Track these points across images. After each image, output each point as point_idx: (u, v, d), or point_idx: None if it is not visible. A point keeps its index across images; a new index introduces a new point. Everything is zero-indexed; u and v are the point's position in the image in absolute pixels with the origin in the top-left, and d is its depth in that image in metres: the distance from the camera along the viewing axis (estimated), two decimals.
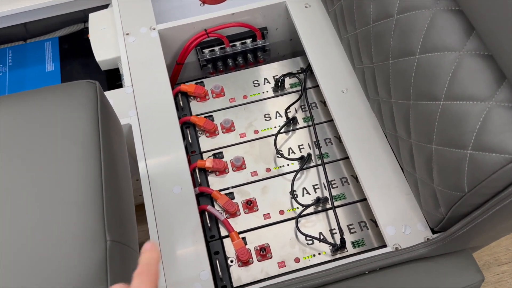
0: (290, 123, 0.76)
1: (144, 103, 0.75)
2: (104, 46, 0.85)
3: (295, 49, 0.98)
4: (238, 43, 0.90)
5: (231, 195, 0.70)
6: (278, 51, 0.98)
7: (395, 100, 0.56)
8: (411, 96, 0.52)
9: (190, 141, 0.75)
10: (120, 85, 0.95)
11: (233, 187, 0.71)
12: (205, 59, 0.88)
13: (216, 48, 0.89)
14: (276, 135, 0.74)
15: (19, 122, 0.50)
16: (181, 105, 0.79)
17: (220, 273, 0.62)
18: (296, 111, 0.78)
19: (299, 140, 0.75)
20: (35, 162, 0.47)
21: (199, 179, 0.71)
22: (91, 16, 0.89)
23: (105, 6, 0.94)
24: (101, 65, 0.86)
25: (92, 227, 0.44)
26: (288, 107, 0.77)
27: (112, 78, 0.95)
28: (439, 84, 0.47)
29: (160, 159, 0.70)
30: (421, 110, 0.50)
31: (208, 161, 0.71)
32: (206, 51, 0.89)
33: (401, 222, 0.62)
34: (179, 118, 0.74)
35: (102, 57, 0.84)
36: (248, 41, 0.90)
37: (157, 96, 0.76)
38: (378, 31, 0.57)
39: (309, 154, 0.72)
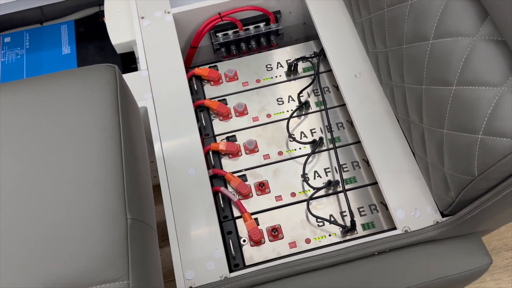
0: (303, 107, 0.77)
1: (159, 86, 0.76)
2: (120, 29, 0.86)
3: (308, 33, 0.98)
4: (251, 27, 0.90)
5: (243, 177, 0.72)
6: (291, 35, 0.98)
7: (408, 85, 0.57)
8: (424, 81, 0.52)
9: (204, 124, 0.77)
10: (135, 68, 0.97)
11: (245, 169, 0.72)
12: (218, 43, 0.89)
13: (230, 32, 0.90)
14: (288, 119, 0.75)
15: (41, 105, 0.51)
16: (195, 88, 0.81)
17: (233, 252, 0.64)
18: (309, 95, 0.79)
19: (311, 124, 0.76)
20: (57, 143, 0.49)
21: (212, 161, 0.73)
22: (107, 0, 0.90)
23: None
24: (117, 48, 0.87)
25: (113, 206, 0.46)
26: (301, 91, 0.78)
27: (127, 61, 0.96)
28: (452, 69, 0.48)
29: (175, 141, 0.71)
30: (433, 95, 0.51)
31: (221, 144, 0.73)
32: (219, 34, 0.89)
33: (411, 205, 0.63)
34: (193, 102, 0.76)
35: (117, 41, 0.85)
36: (262, 24, 0.90)
37: (171, 79, 0.77)
38: (392, 16, 0.57)
39: (321, 138, 0.73)
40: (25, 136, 0.50)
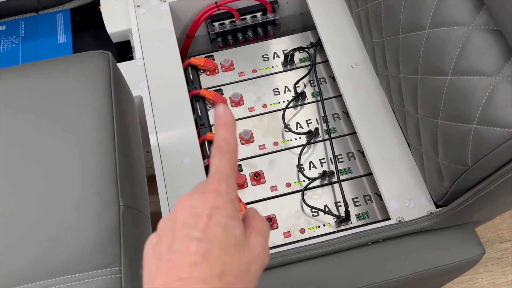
0: (299, 98, 0.77)
1: (155, 76, 0.76)
2: (116, 18, 0.85)
3: (305, 23, 0.98)
4: (248, 17, 0.89)
5: (239, 168, 0.72)
6: (289, 25, 0.97)
7: (403, 75, 0.56)
8: (419, 71, 0.52)
9: (200, 114, 0.77)
10: (131, 58, 0.96)
11: (241, 159, 0.72)
12: (215, 33, 0.88)
13: (226, 22, 0.89)
14: (284, 109, 0.75)
15: (33, 91, 0.51)
16: (191, 78, 0.80)
17: None
18: (305, 86, 0.79)
19: (307, 115, 0.76)
20: (50, 129, 0.49)
21: (208, 151, 0.73)
22: None
23: None
24: (113, 37, 0.86)
25: (105, 192, 0.46)
26: (297, 82, 0.78)
27: (123, 51, 0.96)
28: (447, 58, 0.47)
29: (170, 131, 0.71)
30: (428, 85, 0.51)
31: None
32: (216, 24, 0.89)
33: (406, 196, 0.63)
34: (189, 92, 0.75)
35: (113, 29, 0.85)
36: (259, 14, 0.89)
37: (167, 68, 0.77)
38: (388, 5, 0.56)
39: (316, 129, 0.73)
40: (18, 122, 0.49)
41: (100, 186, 0.46)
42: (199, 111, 0.77)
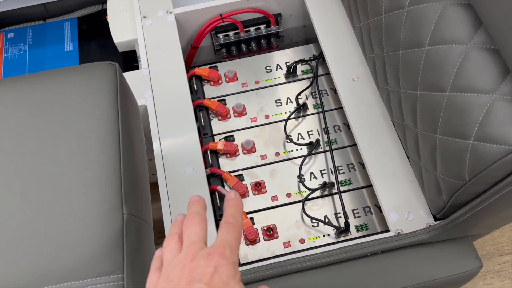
0: (301, 109, 0.78)
1: (160, 85, 0.77)
2: (122, 28, 0.87)
3: (308, 36, 0.99)
4: (252, 29, 0.91)
5: (240, 177, 0.73)
6: (292, 38, 0.99)
7: (403, 90, 0.58)
8: (418, 87, 0.53)
9: (203, 123, 0.78)
10: (136, 67, 0.98)
11: (243, 169, 0.73)
12: (219, 44, 0.90)
13: (231, 33, 0.91)
14: (286, 120, 0.76)
15: (41, 101, 0.52)
16: (195, 88, 0.82)
17: None
18: (307, 98, 0.80)
19: (308, 126, 0.77)
20: (57, 138, 0.50)
21: (210, 160, 0.74)
22: None
23: None
24: (119, 46, 0.88)
25: (110, 201, 0.47)
26: (299, 94, 0.79)
27: (129, 60, 0.97)
28: (446, 75, 0.49)
29: (174, 140, 0.72)
30: (427, 101, 0.52)
31: (219, 144, 0.74)
32: (220, 35, 0.90)
33: (405, 208, 0.64)
34: (192, 101, 0.77)
35: (119, 39, 0.86)
36: (262, 27, 0.91)
37: (172, 78, 0.78)
38: (389, 22, 0.58)
39: (317, 140, 0.74)
40: (26, 131, 0.51)
41: (105, 194, 0.47)
42: (202, 120, 0.78)
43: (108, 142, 0.50)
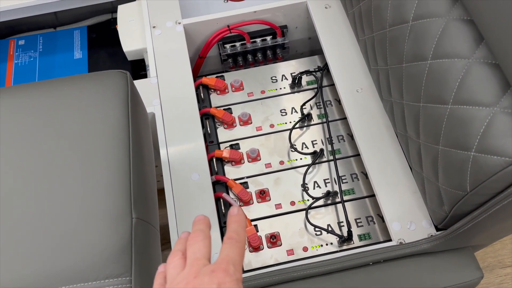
0: (305, 119, 0.79)
1: (168, 94, 0.79)
2: (131, 37, 0.89)
3: (313, 48, 1.01)
4: (258, 40, 0.93)
5: (245, 185, 0.74)
6: (297, 49, 1.01)
7: (406, 102, 0.59)
8: (421, 99, 0.55)
9: (209, 131, 0.79)
10: (144, 75, 1.00)
11: (247, 177, 0.75)
12: (226, 54, 0.92)
13: (237, 44, 0.92)
14: (291, 130, 0.78)
15: (54, 107, 0.54)
16: (202, 97, 0.83)
17: None
18: (312, 108, 0.81)
19: (312, 136, 0.78)
20: (69, 144, 0.52)
21: (216, 168, 0.75)
22: (120, 8, 0.94)
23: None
24: (128, 55, 0.90)
25: (120, 205, 0.48)
26: (304, 104, 0.80)
27: (137, 68, 0.99)
28: (448, 89, 0.50)
29: (180, 147, 0.74)
30: (430, 113, 0.53)
31: (225, 152, 0.75)
32: (227, 46, 0.92)
33: (407, 218, 0.65)
34: (199, 110, 0.78)
35: (129, 48, 0.88)
36: (268, 38, 0.93)
37: (180, 87, 0.80)
38: (393, 36, 0.59)
39: (321, 150, 0.75)
40: (38, 136, 0.52)
41: (115, 199, 0.48)
42: (208, 128, 0.80)
43: (119, 149, 0.51)
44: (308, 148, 0.77)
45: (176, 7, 0.89)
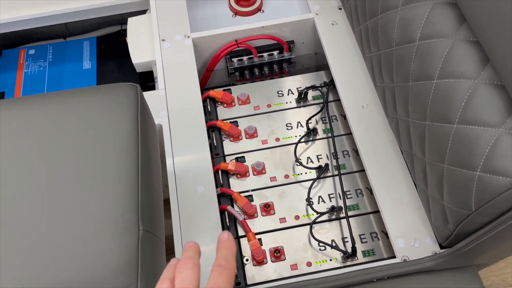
0: (310, 134, 0.80)
1: (175, 106, 0.80)
2: (141, 49, 0.90)
3: (319, 63, 1.02)
4: (265, 54, 0.94)
5: (250, 198, 0.74)
6: (303, 64, 1.02)
7: (412, 120, 0.60)
8: (427, 118, 0.55)
9: (215, 144, 0.80)
10: (151, 86, 1.01)
11: (252, 190, 0.75)
12: (233, 68, 0.93)
13: (244, 58, 0.94)
14: (296, 144, 0.78)
15: (66, 118, 0.55)
16: (209, 109, 0.84)
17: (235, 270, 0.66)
18: (317, 123, 0.82)
19: (317, 150, 0.79)
20: (78, 155, 0.52)
21: (221, 180, 0.75)
22: (130, 20, 0.95)
23: (143, 12, 1.00)
24: (137, 67, 0.91)
25: (127, 217, 0.49)
26: (310, 118, 0.81)
27: (144, 79, 1.01)
28: (454, 108, 0.51)
29: (187, 158, 0.74)
30: (436, 131, 0.54)
31: (230, 164, 0.76)
32: (234, 60, 0.94)
33: (411, 235, 0.65)
34: (206, 122, 0.79)
35: (138, 60, 0.90)
36: (275, 52, 0.94)
37: (187, 99, 0.81)
38: (400, 54, 0.60)
39: (326, 164, 0.76)
40: (48, 147, 0.53)
41: (123, 210, 0.49)
42: (214, 141, 0.80)
43: (128, 162, 0.52)
44: (313, 163, 0.78)
45: (185, 20, 0.90)
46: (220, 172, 0.76)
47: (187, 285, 0.34)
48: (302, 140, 0.79)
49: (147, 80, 1.02)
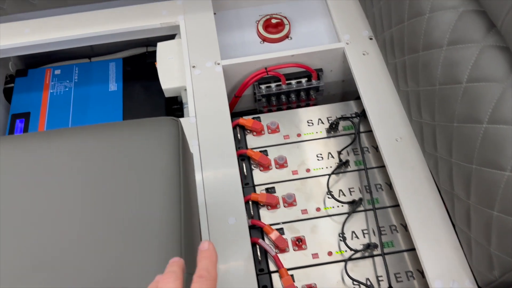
0: (342, 165, 0.79)
1: (205, 134, 0.79)
2: (170, 75, 0.90)
3: (345, 90, 1.02)
4: (293, 82, 0.94)
5: (281, 231, 0.73)
6: (329, 90, 1.01)
7: (456, 161, 0.59)
8: (474, 161, 0.54)
9: (245, 173, 0.79)
10: (176, 109, 1.01)
11: (283, 222, 0.74)
12: (261, 95, 0.93)
13: (273, 85, 0.93)
14: (329, 176, 0.77)
15: (108, 151, 0.54)
16: (239, 137, 0.83)
17: None
18: (348, 154, 0.81)
19: (349, 183, 0.78)
20: (122, 190, 0.52)
21: (252, 211, 0.74)
22: (160, 45, 0.95)
23: (170, 36, 1.00)
24: (166, 92, 0.91)
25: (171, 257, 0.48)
26: (342, 150, 0.80)
27: (170, 101, 1.00)
28: (506, 155, 0.50)
29: (218, 189, 0.73)
30: (484, 177, 0.53)
31: (261, 196, 0.75)
32: (262, 86, 0.93)
33: (449, 276, 0.64)
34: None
35: (167, 86, 0.90)
36: (304, 80, 0.94)
37: (217, 128, 0.80)
38: (444, 94, 0.60)
39: (360, 199, 0.75)
40: (90, 181, 0.52)
41: (167, 252, 0.48)
42: (244, 170, 0.79)
43: (170, 199, 0.51)
44: (345, 196, 0.76)
45: (215, 48, 0.90)
46: (250, 203, 0.75)
47: None
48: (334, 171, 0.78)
49: (172, 103, 1.02)
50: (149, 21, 0.95)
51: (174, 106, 1.03)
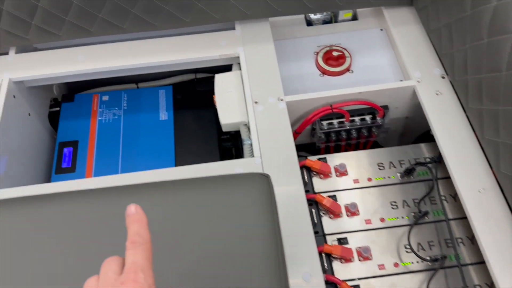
0: (422, 216, 0.74)
1: (273, 176, 0.75)
2: (230, 110, 0.86)
3: (407, 126, 0.97)
4: (357, 119, 0.89)
5: None
6: (390, 126, 0.97)
7: None
8: None
9: (315, 221, 0.74)
10: (224, 139, 0.97)
11: (359, 278, 0.69)
12: (323, 132, 0.88)
13: (335, 121, 0.89)
14: (411, 227, 0.72)
15: (208, 205, 0.51)
16: (305, 180, 0.79)
17: None
18: (425, 203, 0.76)
19: (428, 235, 0.73)
20: (220, 246, 0.48)
21: (326, 265, 0.70)
22: (217, 77, 0.91)
23: (225, 66, 0.96)
24: (224, 127, 0.87)
25: None
26: (422, 199, 0.75)
27: (219, 131, 0.96)
28: None
29: (290, 240, 0.69)
30: None
31: (335, 248, 0.70)
32: (324, 123, 0.89)
33: None
34: None
35: (227, 121, 0.85)
36: (368, 117, 0.89)
37: (284, 169, 0.76)
38: None
39: (444, 257, 0.69)
40: (186, 234, 0.48)
41: None
42: (314, 217, 0.75)
43: (269, 258, 0.47)
44: (424, 250, 0.71)
45: (278, 82, 0.86)
46: (324, 255, 0.70)
47: (110, 275, 0.33)
48: (408, 222, 0.73)
49: (222, 132, 0.97)
50: (208, 52, 0.91)
51: (223, 136, 0.99)
